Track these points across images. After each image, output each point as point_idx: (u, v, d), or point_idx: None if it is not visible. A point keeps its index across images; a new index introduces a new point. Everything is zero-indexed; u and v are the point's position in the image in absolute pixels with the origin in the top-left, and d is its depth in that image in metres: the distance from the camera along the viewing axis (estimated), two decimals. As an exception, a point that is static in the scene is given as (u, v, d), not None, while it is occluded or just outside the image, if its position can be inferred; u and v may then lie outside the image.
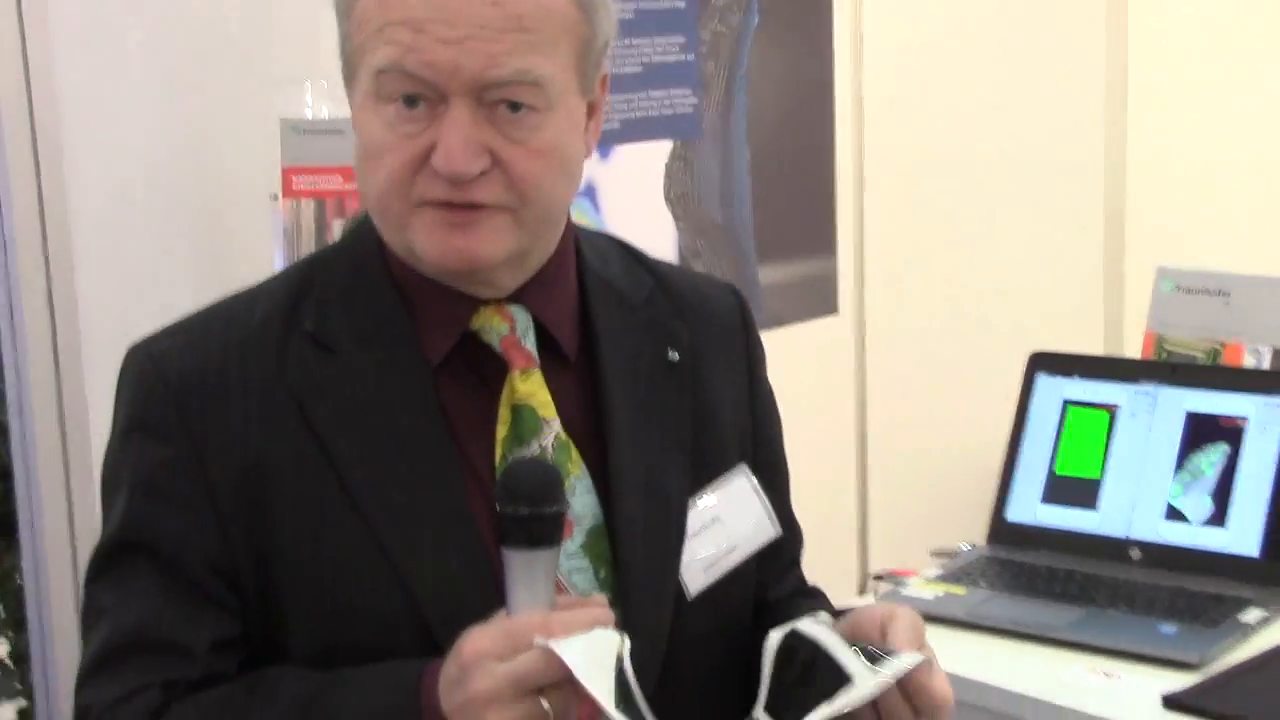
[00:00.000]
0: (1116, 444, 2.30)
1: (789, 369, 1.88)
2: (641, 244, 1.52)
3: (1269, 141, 4.02)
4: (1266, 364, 2.35)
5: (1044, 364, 2.40)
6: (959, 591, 2.18)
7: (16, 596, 2.73)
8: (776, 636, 1.33)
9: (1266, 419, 2.20)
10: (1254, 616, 2.04)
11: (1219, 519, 2.19)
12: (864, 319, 3.71)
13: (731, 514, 1.43)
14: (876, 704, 1.27)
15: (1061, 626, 2.05)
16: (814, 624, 1.33)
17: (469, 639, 1.18)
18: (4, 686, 2.93)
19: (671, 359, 1.42)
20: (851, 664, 1.27)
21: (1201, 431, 2.25)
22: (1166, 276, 2.48)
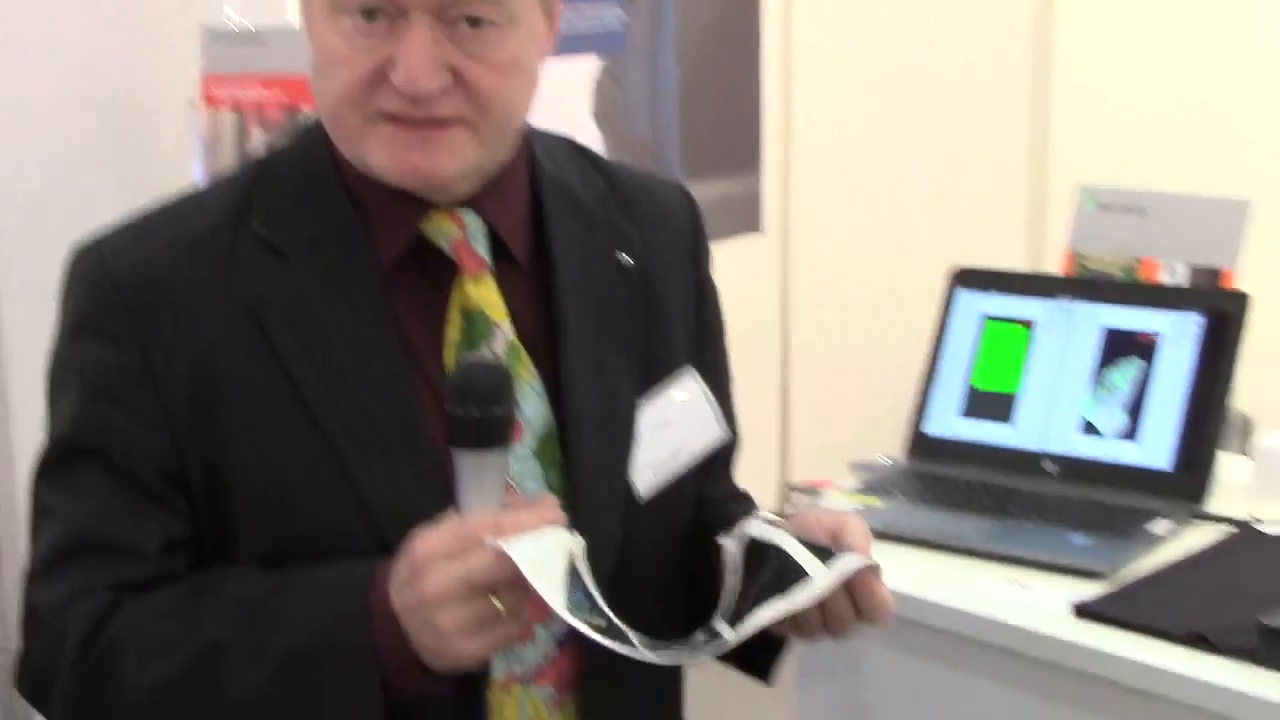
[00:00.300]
0: (1033, 359, 2.32)
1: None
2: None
3: (1195, 60, 4.05)
4: (1182, 280, 2.38)
5: (965, 280, 2.42)
6: (876, 503, 2.20)
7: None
8: (735, 544, 1.34)
9: (1180, 335, 2.23)
10: (1163, 528, 2.07)
11: (1132, 433, 2.22)
12: (788, 236, 3.72)
13: (680, 416, 1.44)
14: (823, 605, 1.29)
15: (976, 537, 2.07)
16: (767, 525, 1.34)
17: (420, 539, 1.19)
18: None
19: (624, 262, 1.43)
20: (808, 562, 1.28)
21: (1117, 347, 2.27)
22: (1088, 194, 2.50)
